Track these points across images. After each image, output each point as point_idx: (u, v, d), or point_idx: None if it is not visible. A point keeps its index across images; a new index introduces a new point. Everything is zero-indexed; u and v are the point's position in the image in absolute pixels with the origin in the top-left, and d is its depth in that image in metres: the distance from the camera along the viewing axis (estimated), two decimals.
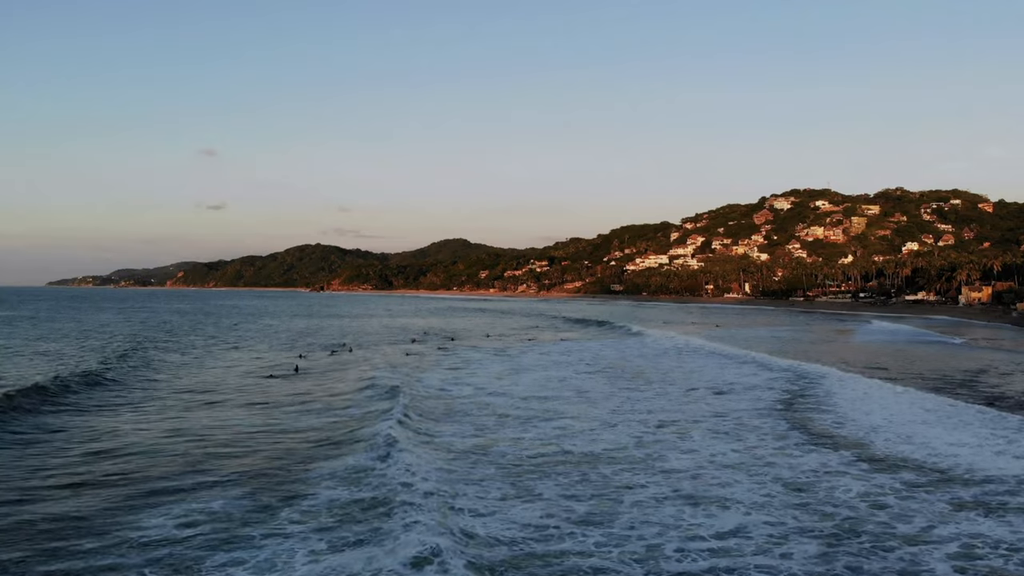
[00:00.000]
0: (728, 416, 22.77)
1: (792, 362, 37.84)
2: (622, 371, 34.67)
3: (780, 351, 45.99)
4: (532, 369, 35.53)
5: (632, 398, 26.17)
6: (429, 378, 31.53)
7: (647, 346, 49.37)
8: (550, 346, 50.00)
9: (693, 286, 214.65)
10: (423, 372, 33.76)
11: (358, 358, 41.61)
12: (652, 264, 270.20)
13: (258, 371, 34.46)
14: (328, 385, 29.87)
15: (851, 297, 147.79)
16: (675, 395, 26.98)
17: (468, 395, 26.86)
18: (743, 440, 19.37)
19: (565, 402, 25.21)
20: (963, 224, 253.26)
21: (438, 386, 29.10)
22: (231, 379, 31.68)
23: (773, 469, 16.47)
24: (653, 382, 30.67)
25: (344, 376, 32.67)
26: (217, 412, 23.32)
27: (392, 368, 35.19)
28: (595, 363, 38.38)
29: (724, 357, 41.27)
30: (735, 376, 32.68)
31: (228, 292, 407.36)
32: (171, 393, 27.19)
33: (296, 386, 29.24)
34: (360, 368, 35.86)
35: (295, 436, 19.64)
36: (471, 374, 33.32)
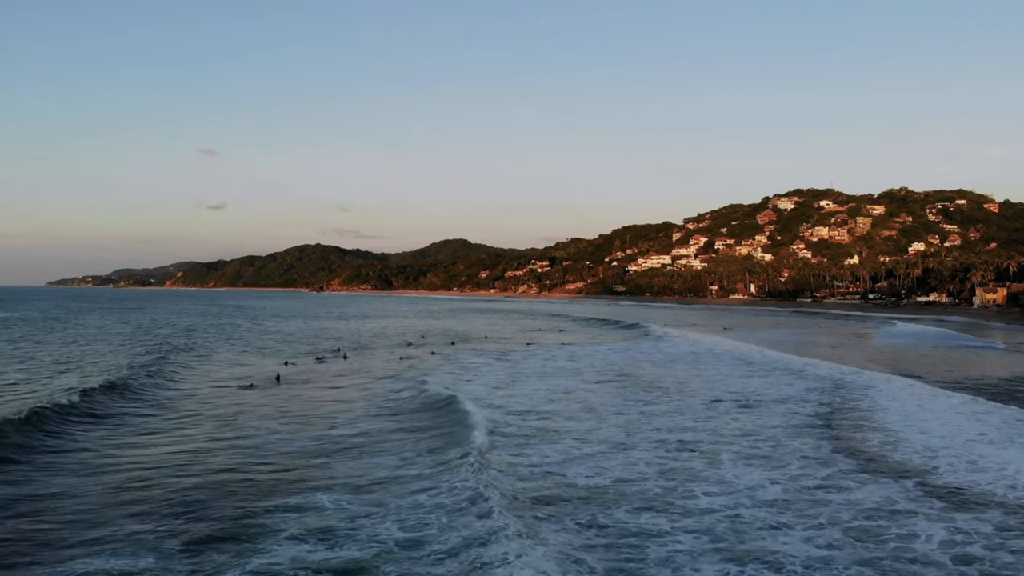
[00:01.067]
0: (760, 435, 19.92)
1: (824, 367, 35.06)
2: (634, 380, 31.81)
3: (805, 356, 43.10)
4: (534, 377, 32.69)
5: (647, 413, 23.31)
6: (421, 388, 28.70)
7: (660, 351, 46.46)
8: (554, 350, 47.15)
9: (697, 287, 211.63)
10: (406, 383, 30.89)
11: (349, 367, 38.77)
12: (655, 264, 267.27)
13: (236, 379, 31.63)
14: (307, 397, 27.05)
15: (860, 298, 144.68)
16: (696, 409, 24.11)
17: None
18: (783, 467, 16.55)
19: (570, 418, 22.35)
20: (969, 224, 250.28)
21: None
22: (204, 389, 28.87)
23: (827, 508, 13.65)
24: (670, 393, 27.79)
25: (326, 388, 29.83)
26: (169, 435, 20.50)
27: (382, 378, 32.39)
28: (604, 370, 35.54)
29: (747, 363, 38.38)
30: (762, 385, 29.86)
31: (227, 292, 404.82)
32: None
33: (272, 399, 26.38)
34: (347, 378, 33.05)
35: (251, 467, 16.80)
36: (467, 382, 30.51)
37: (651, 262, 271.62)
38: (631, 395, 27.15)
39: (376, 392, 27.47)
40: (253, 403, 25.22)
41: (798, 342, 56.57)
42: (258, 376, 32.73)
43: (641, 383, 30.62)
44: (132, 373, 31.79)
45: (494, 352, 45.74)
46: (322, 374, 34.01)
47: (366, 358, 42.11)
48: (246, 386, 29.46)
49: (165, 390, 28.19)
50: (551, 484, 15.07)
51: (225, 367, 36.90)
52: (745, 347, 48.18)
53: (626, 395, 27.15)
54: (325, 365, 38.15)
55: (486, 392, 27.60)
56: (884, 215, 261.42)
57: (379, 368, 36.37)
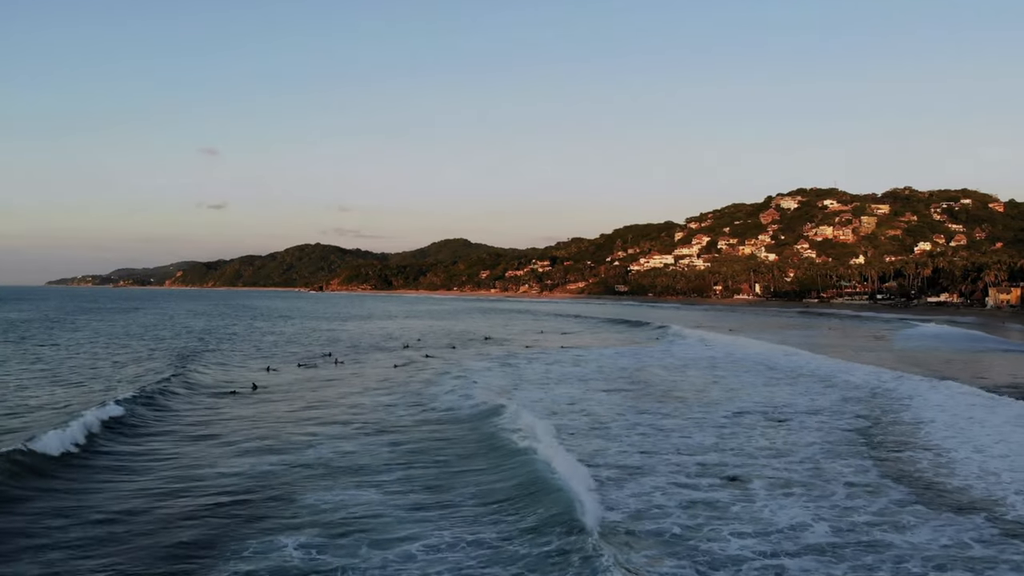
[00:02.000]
0: (795, 455, 17.64)
1: (858, 372, 32.82)
2: (646, 388, 29.52)
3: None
4: (536, 385, 30.40)
5: (662, 428, 21.00)
6: (416, 401, 26.43)
7: (671, 354, 44.15)
8: (557, 354, 44.87)
9: (701, 287, 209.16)
10: (403, 395, 28.62)
11: (340, 373, 36.50)
12: (657, 264, 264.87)
13: (216, 387, 29.36)
14: (278, 408, 24.78)
15: (868, 299, 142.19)
16: (718, 423, 21.82)
17: None
18: (826, 497, 14.28)
19: (574, 434, 20.03)
20: (974, 224, 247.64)
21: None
22: (181, 395, 26.59)
23: (888, 554, 11.38)
24: (688, 403, 25.50)
25: (306, 398, 27.52)
26: (124, 446, 18.20)
27: (373, 388, 30.13)
28: (612, 376, 33.26)
29: (769, 368, 36.10)
30: (789, 394, 27.63)
31: (227, 292, 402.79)
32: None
33: (244, 410, 24.09)
34: (334, 387, 30.75)
35: (197, 496, 14.52)
36: (464, 393, 28.16)
37: (653, 262, 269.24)
38: (643, 406, 24.86)
39: (364, 405, 25.17)
40: (225, 415, 22.94)
41: (815, 345, 54.09)
42: (240, 382, 30.45)
43: (654, 392, 28.35)
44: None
45: (495, 356, 43.47)
46: (307, 382, 31.67)
47: (360, 363, 39.83)
48: (230, 392, 27.28)
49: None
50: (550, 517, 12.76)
51: (211, 370, 34.61)
52: (764, 349, 45.92)
53: (638, 406, 24.86)
54: (313, 371, 35.83)
55: (484, 405, 25.30)
56: (889, 214, 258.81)
57: (371, 375, 34.07)
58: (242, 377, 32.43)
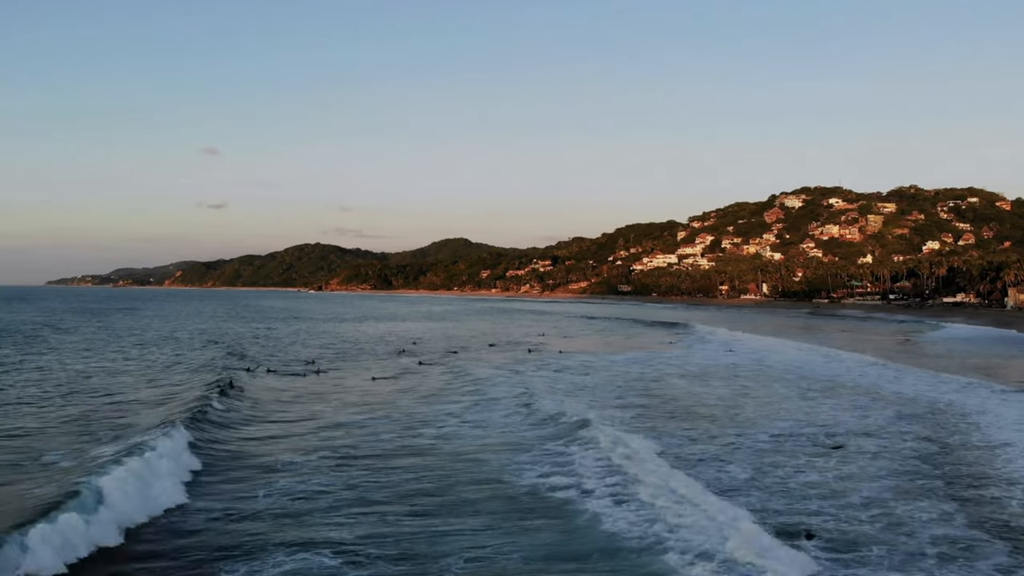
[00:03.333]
0: (856, 496, 14.37)
1: (908, 380, 29.55)
2: (665, 403, 26.20)
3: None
4: (540, 401, 27.08)
5: (688, 458, 17.61)
6: (386, 421, 23.15)
7: (690, 361, 40.80)
8: (563, 360, 41.59)
9: (706, 287, 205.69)
10: (380, 412, 25.32)
11: (315, 386, 33.22)
12: (660, 264, 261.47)
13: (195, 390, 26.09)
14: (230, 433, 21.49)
15: (880, 299, 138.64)
16: (756, 449, 18.52)
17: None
18: (914, 561, 11.01)
19: (581, 471, 16.43)
20: (982, 223, 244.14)
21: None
22: (150, 407, 23.33)
23: None
24: (717, 423, 22.19)
25: (262, 419, 24.23)
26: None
27: (349, 405, 26.81)
28: (625, 388, 29.95)
29: (802, 377, 32.78)
30: (833, 410, 24.42)
31: (227, 292, 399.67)
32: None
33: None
34: (297, 404, 27.45)
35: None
36: (465, 419, 24.90)
37: (656, 261, 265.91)
38: (663, 427, 21.56)
39: (310, 446, 21.84)
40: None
41: (839, 349, 50.66)
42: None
43: (675, 408, 25.02)
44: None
45: (497, 364, 40.13)
46: (269, 400, 28.20)
47: (345, 372, 36.53)
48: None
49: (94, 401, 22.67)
50: None
51: (177, 377, 31.33)
52: (792, 355, 42.64)
53: (658, 427, 21.55)
54: (288, 381, 32.49)
55: (482, 426, 22.02)
56: (896, 213, 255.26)
57: (352, 389, 30.60)
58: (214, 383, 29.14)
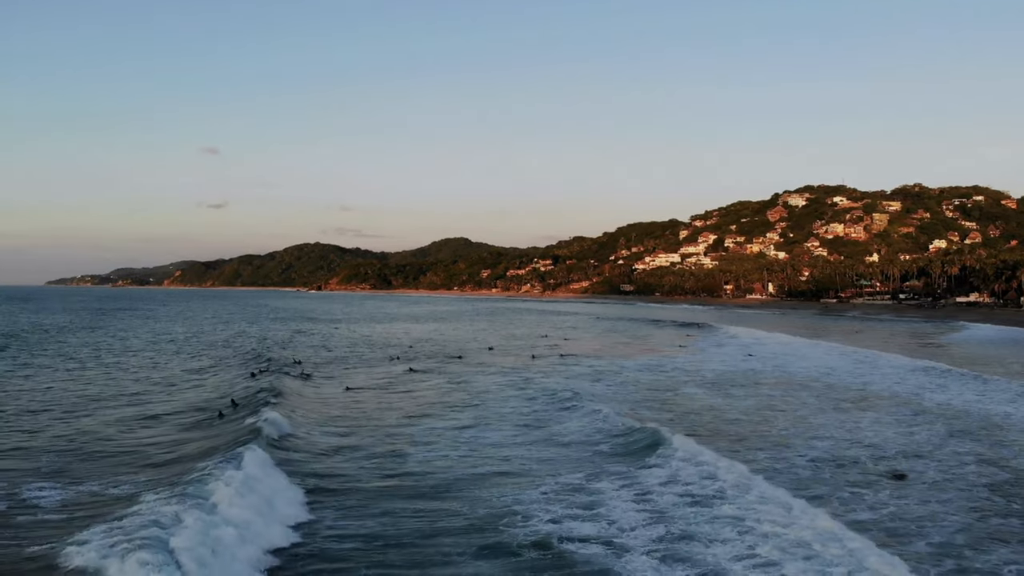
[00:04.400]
0: (923, 542, 11.11)
1: (953, 388, 26.29)
2: (684, 418, 22.86)
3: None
4: (549, 418, 23.79)
5: (726, 496, 14.32)
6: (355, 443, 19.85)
7: (706, 367, 37.45)
8: (570, 365, 38.31)
9: (711, 286, 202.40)
10: (352, 433, 21.98)
11: (290, 399, 29.89)
12: (663, 263, 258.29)
13: (184, 410, 22.86)
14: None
15: (890, 298, 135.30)
16: (796, 477, 15.35)
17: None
18: None
19: (612, 515, 13.15)
20: (987, 221, 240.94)
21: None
22: (138, 427, 20.07)
23: None
24: (745, 443, 18.92)
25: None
26: None
27: (322, 422, 23.48)
28: (639, 399, 26.65)
29: (828, 386, 29.49)
30: (872, 425, 21.44)
31: (222, 292, 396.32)
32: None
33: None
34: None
35: None
36: (458, 443, 21.61)
37: (659, 260, 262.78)
38: (651, 449, 18.27)
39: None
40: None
41: (864, 351, 47.29)
42: (211, 402, 23.86)
43: (697, 424, 21.68)
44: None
45: (497, 371, 36.83)
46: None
47: (329, 378, 33.25)
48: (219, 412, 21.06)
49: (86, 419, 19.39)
50: None
51: (178, 386, 28.05)
52: (815, 360, 39.33)
53: (647, 449, 18.27)
54: (267, 383, 29.20)
55: (461, 456, 18.70)
56: (901, 212, 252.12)
57: (329, 400, 27.34)
58: (227, 392, 25.83)
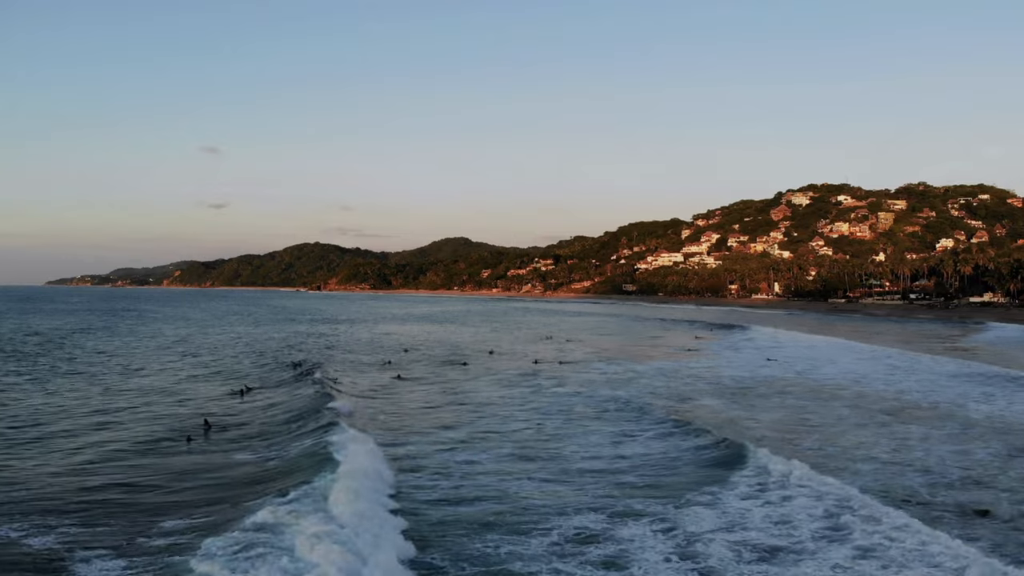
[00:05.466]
0: None
1: (996, 399, 23.47)
2: (702, 433, 19.86)
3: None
4: (556, 439, 20.92)
5: (746, 544, 11.37)
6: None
7: (723, 373, 34.50)
8: (576, 371, 35.42)
9: (715, 286, 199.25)
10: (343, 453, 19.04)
11: (245, 415, 27.09)
12: (666, 263, 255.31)
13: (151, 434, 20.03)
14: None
15: (901, 298, 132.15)
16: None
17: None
18: None
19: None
20: (994, 220, 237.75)
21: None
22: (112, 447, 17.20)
23: None
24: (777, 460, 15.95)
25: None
26: None
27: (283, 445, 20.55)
28: (655, 414, 23.70)
29: (860, 395, 26.53)
30: (921, 443, 19.01)
31: (227, 292, 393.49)
32: None
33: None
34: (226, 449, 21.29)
35: None
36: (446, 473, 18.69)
37: (661, 260, 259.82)
38: (704, 475, 15.39)
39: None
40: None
41: (886, 350, 44.26)
42: (187, 421, 20.97)
43: (718, 445, 18.64)
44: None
45: (497, 378, 33.94)
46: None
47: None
48: (186, 437, 18.41)
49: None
50: None
51: (154, 396, 25.17)
52: (841, 366, 36.39)
53: (694, 476, 15.41)
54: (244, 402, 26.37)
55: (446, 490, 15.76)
56: (906, 210, 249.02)
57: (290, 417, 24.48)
58: (208, 404, 22.92)
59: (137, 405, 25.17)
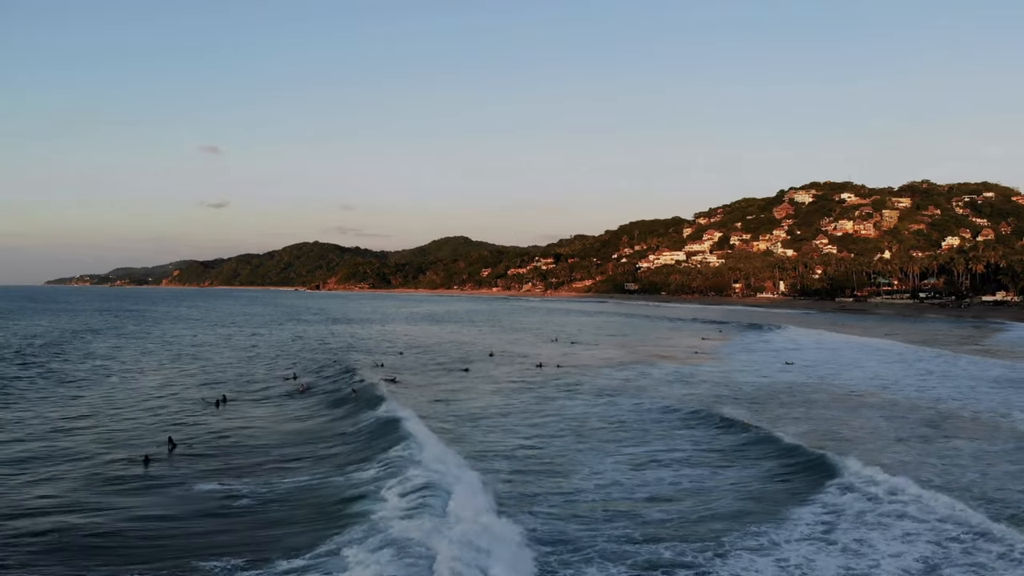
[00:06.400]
0: None
1: None
2: (731, 458, 17.43)
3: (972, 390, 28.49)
4: (555, 465, 18.52)
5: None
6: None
7: (741, 379, 31.85)
8: (583, 376, 32.98)
9: (720, 285, 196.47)
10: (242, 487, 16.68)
11: (220, 423, 24.74)
12: (668, 261, 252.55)
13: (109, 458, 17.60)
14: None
15: (910, 297, 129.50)
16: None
17: None
18: None
19: None
20: (999, 218, 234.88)
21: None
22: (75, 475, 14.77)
23: None
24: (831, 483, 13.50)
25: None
26: None
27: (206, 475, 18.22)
28: (673, 434, 21.23)
29: (892, 403, 23.45)
30: (978, 461, 16.72)
31: (217, 291, 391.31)
32: None
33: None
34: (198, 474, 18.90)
35: None
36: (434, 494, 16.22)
37: (664, 258, 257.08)
38: (741, 509, 12.94)
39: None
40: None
41: (911, 350, 41.73)
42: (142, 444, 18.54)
43: (771, 477, 16.22)
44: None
45: (497, 387, 31.51)
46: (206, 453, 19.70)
47: (305, 395, 28.00)
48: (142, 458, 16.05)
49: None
50: None
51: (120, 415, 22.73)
52: (865, 362, 33.85)
53: (723, 507, 12.95)
54: (221, 418, 23.93)
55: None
56: (911, 208, 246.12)
57: (261, 432, 22.09)
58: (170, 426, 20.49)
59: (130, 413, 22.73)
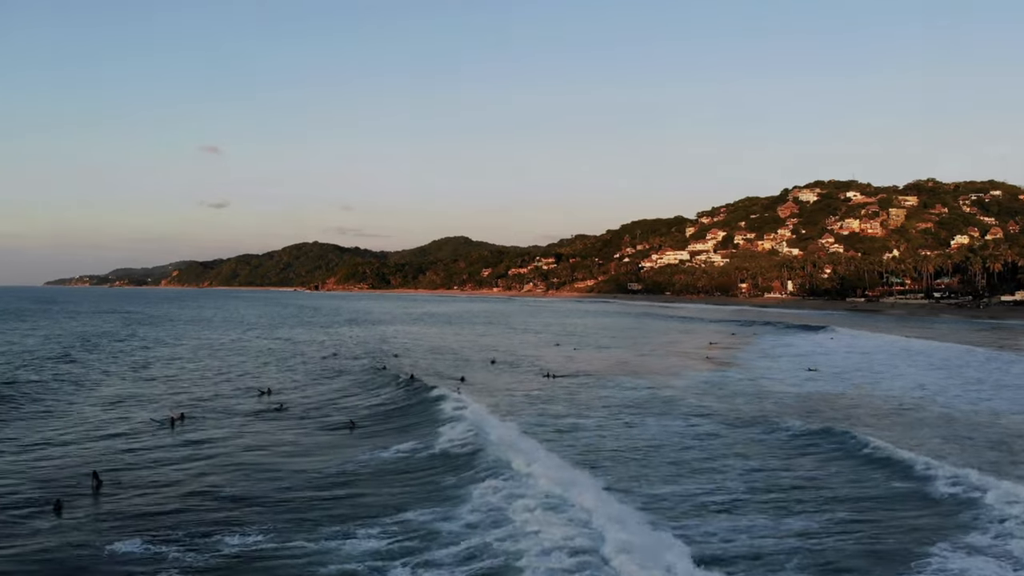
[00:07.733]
0: None
1: None
2: (783, 501, 14.23)
3: None
4: (563, 504, 15.31)
5: None
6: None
7: (764, 388, 28.29)
8: (596, 388, 29.80)
9: (725, 284, 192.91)
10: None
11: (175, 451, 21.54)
12: (671, 261, 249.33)
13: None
14: None
15: (924, 297, 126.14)
16: None
17: None
18: None
19: None
20: (1007, 216, 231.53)
21: None
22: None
23: None
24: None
25: None
26: None
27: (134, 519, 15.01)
28: (704, 469, 18.04)
29: (951, 418, 20.86)
30: None
31: (215, 292, 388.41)
32: None
33: None
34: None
35: None
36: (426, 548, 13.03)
37: (667, 258, 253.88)
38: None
39: None
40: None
41: (950, 350, 38.26)
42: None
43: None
44: None
45: (497, 400, 28.32)
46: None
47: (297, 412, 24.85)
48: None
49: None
50: None
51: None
52: (902, 369, 30.47)
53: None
54: (171, 438, 20.73)
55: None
56: (918, 207, 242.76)
57: (222, 454, 18.88)
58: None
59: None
